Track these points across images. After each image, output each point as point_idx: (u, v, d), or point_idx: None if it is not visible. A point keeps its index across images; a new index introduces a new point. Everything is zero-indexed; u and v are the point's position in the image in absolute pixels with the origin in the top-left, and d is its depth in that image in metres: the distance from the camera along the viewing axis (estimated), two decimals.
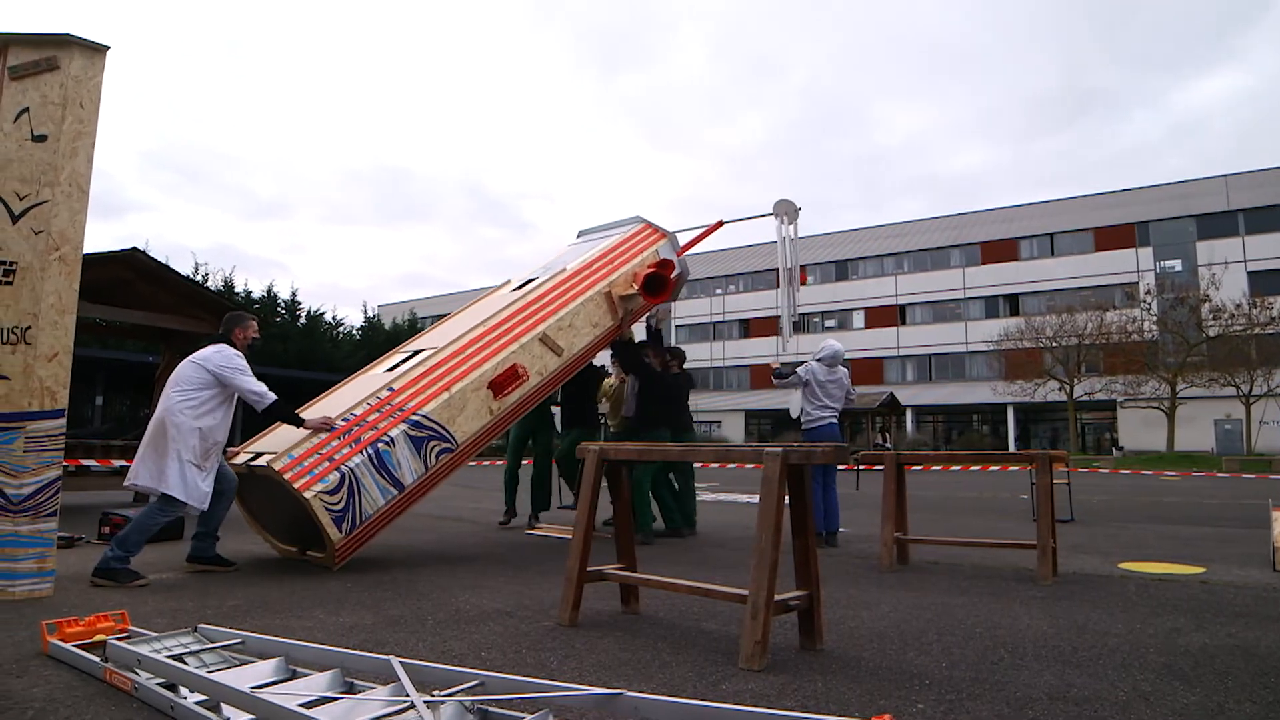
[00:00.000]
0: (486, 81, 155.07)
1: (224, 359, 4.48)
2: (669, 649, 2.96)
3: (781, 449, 2.88)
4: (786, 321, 7.48)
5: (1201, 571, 4.90)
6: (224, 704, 2.09)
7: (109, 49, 4.11)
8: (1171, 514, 9.34)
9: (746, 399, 48.13)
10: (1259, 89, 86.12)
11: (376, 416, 4.82)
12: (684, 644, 3.05)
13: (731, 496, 11.68)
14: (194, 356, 4.52)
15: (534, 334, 5.61)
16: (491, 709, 1.99)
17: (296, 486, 4.33)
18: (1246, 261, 37.65)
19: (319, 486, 4.40)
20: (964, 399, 42.96)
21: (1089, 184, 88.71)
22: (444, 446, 5.01)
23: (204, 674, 2.22)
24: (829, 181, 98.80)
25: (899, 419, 38.53)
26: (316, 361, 28.42)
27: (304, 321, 31.71)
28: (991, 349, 40.61)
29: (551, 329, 5.72)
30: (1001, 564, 5.22)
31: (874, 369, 45.75)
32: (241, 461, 4.70)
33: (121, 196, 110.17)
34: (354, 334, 34.35)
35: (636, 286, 6.20)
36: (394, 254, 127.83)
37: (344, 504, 4.49)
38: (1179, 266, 39.16)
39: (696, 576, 3.98)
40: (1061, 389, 34.99)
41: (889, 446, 30.64)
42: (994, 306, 44.27)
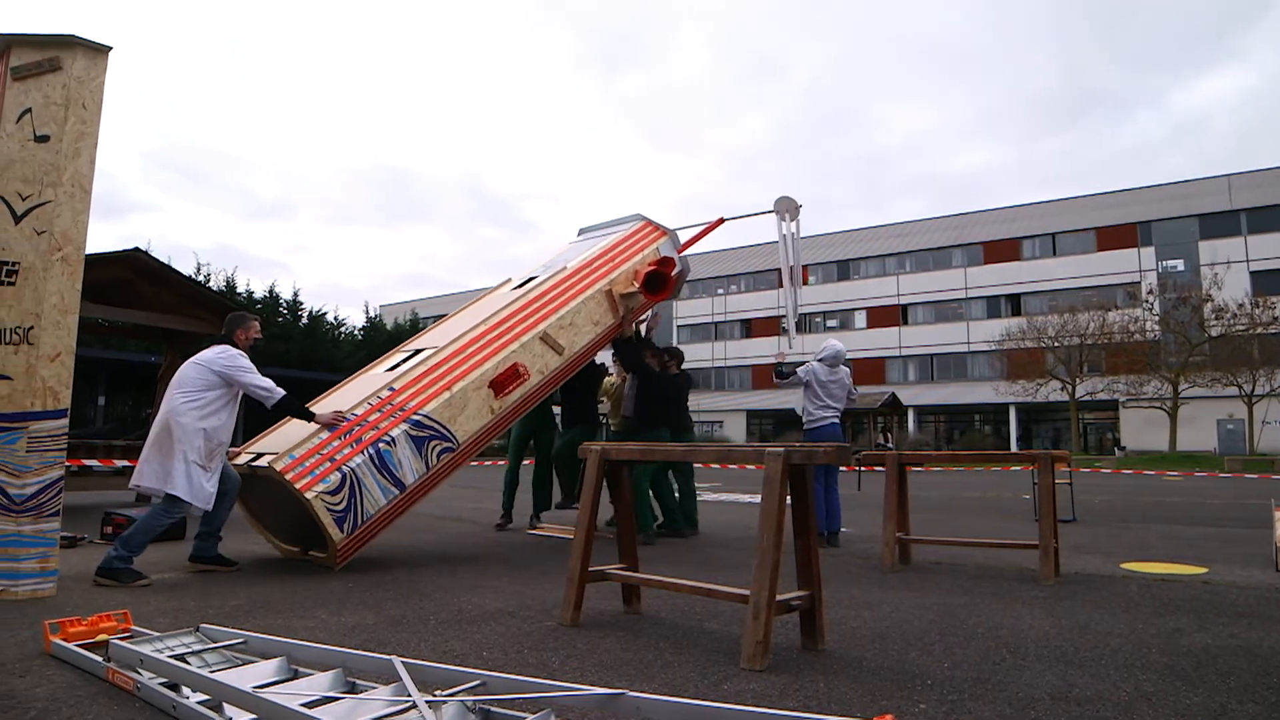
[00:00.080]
0: (487, 82, 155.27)
1: (228, 359, 4.48)
2: (671, 649, 2.96)
3: (783, 449, 2.88)
4: (791, 319, 7.47)
5: (1204, 572, 4.90)
6: (226, 704, 2.10)
7: (111, 49, 4.11)
8: (1174, 514, 9.33)
9: (748, 399, 48.12)
10: (1261, 88, 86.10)
11: (378, 416, 4.82)
12: (686, 644, 3.05)
13: (733, 496, 11.68)
14: (196, 358, 4.52)
15: (535, 332, 5.61)
16: (493, 709, 1.99)
17: (298, 487, 4.33)
18: (1249, 261, 37.61)
19: (320, 487, 4.40)
20: (966, 399, 42.92)
21: (1091, 184, 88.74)
22: (445, 446, 5.01)
23: (206, 674, 2.23)
24: (830, 181, 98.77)
25: (901, 419, 38.50)
26: (318, 362, 28.43)
27: (306, 322, 31.72)
28: (994, 349, 40.58)
29: (552, 327, 5.72)
30: (1004, 564, 5.22)
31: (876, 369, 45.72)
32: (243, 462, 4.69)
33: (124, 197, 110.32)
34: (356, 334, 34.38)
35: (637, 284, 6.20)
36: (395, 254, 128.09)
37: (345, 504, 4.49)
38: (1181, 266, 39.12)
39: (698, 576, 3.98)
40: (1064, 389, 34.95)
41: (891, 446, 30.62)
42: (996, 306, 44.24)
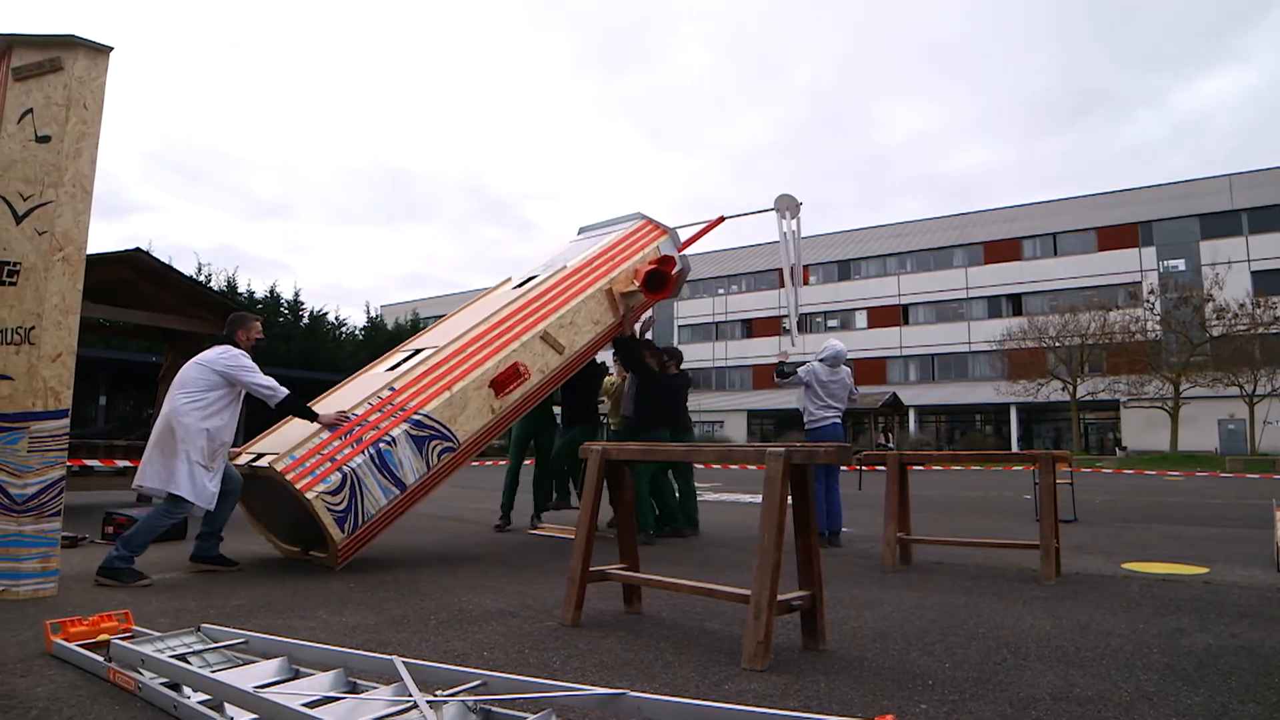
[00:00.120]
0: (488, 82, 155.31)
1: (231, 359, 4.48)
2: (672, 649, 2.96)
3: (784, 449, 2.88)
4: (793, 318, 7.47)
5: (1205, 572, 4.89)
6: (227, 704, 2.10)
7: (112, 50, 4.12)
8: (1175, 514, 9.32)
9: (749, 399, 48.10)
10: (1262, 88, 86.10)
11: (378, 416, 4.82)
12: (687, 644, 3.05)
13: (734, 496, 11.68)
14: (198, 359, 4.52)
15: (535, 332, 5.60)
16: (494, 709, 1.99)
17: (299, 487, 4.33)
18: (1250, 261, 37.59)
19: (321, 487, 4.40)
20: (967, 399, 42.89)
21: (1091, 184, 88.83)
22: (446, 446, 5.01)
23: (207, 674, 2.23)
24: (830, 181, 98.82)
25: (902, 419, 38.48)
26: (319, 362, 28.43)
27: (307, 322, 31.72)
28: (994, 349, 40.56)
29: (553, 327, 5.72)
30: (1005, 564, 5.22)
31: (876, 369, 45.71)
32: (243, 462, 4.69)
33: (125, 197, 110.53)
34: (357, 334, 34.39)
35: (638, 283, 6.19)
36: (396, 254, 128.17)
37: (346, 504, 4.49)
38: (1182, 266, 39.09)
39: (699, 576, 3.98)
40: (1065, 389, 34.92)
41: (892, 446, 30.61)
42: (997, 306, 44.22)
